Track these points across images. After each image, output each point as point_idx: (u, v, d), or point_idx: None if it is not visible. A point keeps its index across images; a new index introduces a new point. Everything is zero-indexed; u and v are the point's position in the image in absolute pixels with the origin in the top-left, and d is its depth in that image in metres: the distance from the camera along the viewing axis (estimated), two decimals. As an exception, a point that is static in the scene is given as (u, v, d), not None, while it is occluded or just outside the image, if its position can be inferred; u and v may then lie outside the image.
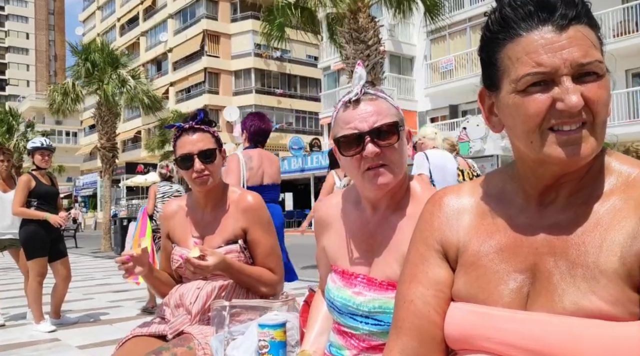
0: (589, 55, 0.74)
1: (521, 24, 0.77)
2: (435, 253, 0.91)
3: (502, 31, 0.79)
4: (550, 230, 0.81)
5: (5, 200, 5.23)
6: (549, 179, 0.82)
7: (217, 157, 1.85)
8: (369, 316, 1.21)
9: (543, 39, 0.75)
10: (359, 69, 1.29)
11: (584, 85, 0.74)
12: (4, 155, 5.40)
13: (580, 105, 0.73)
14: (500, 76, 0.81)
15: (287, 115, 36.16)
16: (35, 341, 4.40)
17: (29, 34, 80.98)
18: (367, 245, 1.29)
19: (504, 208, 0.88)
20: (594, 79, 0.75)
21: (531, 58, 0.75)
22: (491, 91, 0.84)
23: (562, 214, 0.81)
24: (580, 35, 0.75)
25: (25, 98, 62.49)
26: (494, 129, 0.88)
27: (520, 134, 0.79)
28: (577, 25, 0.75)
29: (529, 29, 0.76)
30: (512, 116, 0.80)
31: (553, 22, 0.75)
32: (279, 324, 1.44)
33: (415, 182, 1.33)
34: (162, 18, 38.82)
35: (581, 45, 0.74)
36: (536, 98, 0.76)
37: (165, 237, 1.96)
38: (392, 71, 21.83)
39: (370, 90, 1.27)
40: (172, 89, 37.33)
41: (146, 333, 1.73)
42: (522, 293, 0.80)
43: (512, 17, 0.78)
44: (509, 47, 0.78)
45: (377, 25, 11.08)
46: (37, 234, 4.77)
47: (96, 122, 16.60)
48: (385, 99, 1.27)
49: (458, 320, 0.85)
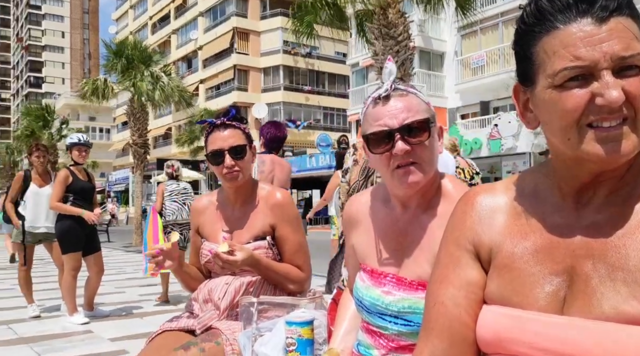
0: (631, 48, 0.70)
1: (558, 16, 0.74)
2: (467, 254, 0.88)
3: (538, 24, 0.76)
4: (588, 231, 0.77)
5: (41, 194, 5.37)
6: (587, 177, 0.78)
7: (247, 153, 1.86)
8: (398, 316, 1.19)
9: (582, 31, 0.72)
10: (389, 64, 1.26)
11: (625, 80, 0.71)
12: (40, 151, 5.53)
13: (621, 100, 0.70)
14: (535, 70, 0.77)
15: (315, 112, 36.19)
16: (68, 333, 4.52)
17: (65, 32, 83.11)
18: (397, 244, 1.27)
19: (539, 207, 0.84)
20: (636, 73, 0.71)
21: (569, 51, 0.72)
22: (526, 86, 0.81)
23: (600, 214, 0.78)
24: (622, 27, 0.71)
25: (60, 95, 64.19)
26: (528, 126, 0.84)
27: (557, 131, 0.76)
28: (619, 16, 0.72)
29: (566, 21, 0.73)
30: (548, 112, 0.76)
31: (593, 13, 0.72)
32: (307, 322, 1.43)
33: (447, 179, 1.29)
34: (193, 16, 39.31)
35: (622, 38, 0.70)
36: (574, 94, 0.72)
37: (195, 231, 1.98)
38: (422, 67, 21.59)
39: (401, 85, 1.24)
40: (202, 86, 37.80)
41: (175, 327, 1.76)
42: (559, 296, 0.77)
43: (549, 9, 0.75)
44: (545, 40, 0.75)
45: (407, 21, 10.95)
46: (72, 229, 4.89)
47: (128, 118, 16.95)
48: (416, 95, 1.24)
49: (491, 323, 0.82)
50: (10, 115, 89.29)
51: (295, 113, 35.31)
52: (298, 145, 32.14)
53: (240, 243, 1.78)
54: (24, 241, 5.34)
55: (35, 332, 4.54)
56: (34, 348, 4.02)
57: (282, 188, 3.86)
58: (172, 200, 6.12)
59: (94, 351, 3.92)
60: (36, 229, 5.37)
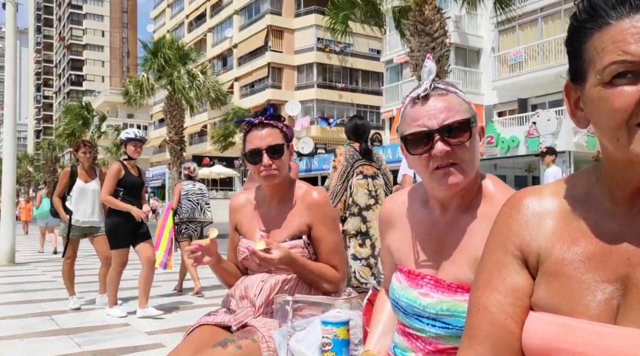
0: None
1: (611, 12, 0.70)
2: (514, 259, 0.85)
3: (590, 20, 0.73)
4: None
5: (87, 190, 5.56)
6: (639, 181, 0.75)
7: (284, 152, 1.86)
8: (436, 318, 1.16)
9: (634, 27, 0.68)
10: (428, 62, 1.23)
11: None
12: (86, 147, 5.68)
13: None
14: (586, 68, 0.74)
15: (348, 110, 36.11)
16: (107, 326, 4.64)
17: (104, 31, 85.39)
18: (436, 246, 1.24)
19: (590, 212, 0.81)
20: None
21: (618, 47, 0.69)
22: (577, 84, 0.78)
23: None
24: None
25: (100, 93, 66.00)
26: (579, 125, 0.81)
27: (605, 130, 0.73)
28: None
29: (619, 17, 0.70)
30: (597, 110, 0.73)
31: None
32: (343, 322, 1.42)
33: (488, 180, 1.25)
34: (228, 14, 39.78)
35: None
36: (623, 91, 0.69)
37: (233, 228, 1.99)
38: (458, 64, 21.26)
39: (441, 84, 1.21)
40: (236, 84, 38.23)
41: (212, 322, 1.78)
42: (612, 305, 0.73)
43: (602, 5, 0.72)
44: (596, 36, 0.72)
45: (443, 17, 10.81)
46: (121, 225, 4.95)
47: (165, 116, 17.31)
48: (457, 94, 1.21)
49: (539, 331, 0.79)
50: (53, 112, 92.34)
51: (329, 111, 35.32)
52: (331, 143, 32.14)
53: (276, 242, 1.79)
54: (69, 234, 5.50)
55: (75, 324, 4.68)
56: (74, 339, 4.14)
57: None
58: (187, 199, 6.57)
59: (132, 344, 4.01)
60: (82, 223, 5.51)
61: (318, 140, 30.75)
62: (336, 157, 4.28)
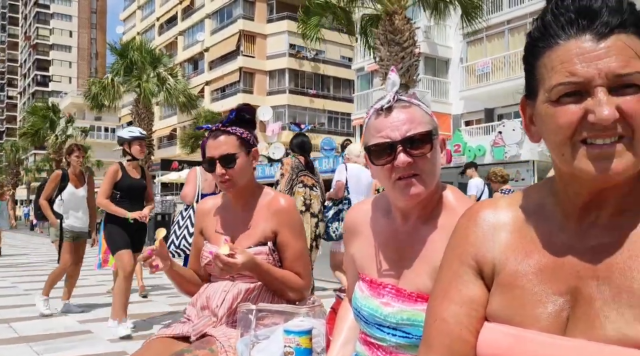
0: (629, 66, 0.69)
1: (560, 32, 0.73)
2: (470, 270, 0.87)
3: (542, 39, 0.76)
4: (593, 252, 0.76)
5: (78, 195, 5.47)
6: (586, 195, 0.77)
7: (238, 161, 1.82)
8: (397, 328, 1.17)
9: (579, 48, 0.71)
10: (392, 75, 1.26)
11: (622, 98, 0.69)
12: (80, 151, 5.50)
13: (612, 118, 0.69)
14: (537, 85, 0.77)
15: (320, 116, 36.21)
16: (68, 333, 4.52)
17: (72, 32, 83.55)
18: (397, 255, 1.26)
19: (543, 225, 0.83)
20: (634, 91, 0.70)
21: (565, 67, 0.71)
22: (530, 100, 0.81)
23: (606, 235, 0.76)
24: (622, 44, 0.70)
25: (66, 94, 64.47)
26: (532, 139, 0.84)
27: (552, 146, 0.76)
28: (621, 33, 0.70)
29: (567, 37, 0.72)
30: (545, 126, 0.76)
31: (593, 30, 0.71)
32: (305, 331, 1.42)
33: (449, 191, 1.28)
34: (200, 18, 39.44)
35: (621, 55, 0.69)
36: (567, 109, 0.72)
37: (198, 233, 1.97)
38: (427, 73, 21.57)
39: (404, 96, 1.23)
40: (207, 88, 37.88)
41: (170, 334, 1.74)
42: (561, 317, 0.76)
43: (553, 25, 0.74)
44: (546, 55, 0.75)
45: (412, 27, 10.98)
46: (116, 230, 4.62)
47: (133, 118, 17.02)
48: (419, 106, 1.23)
49: (492, 342, 0.81)
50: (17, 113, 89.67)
51: (300, 117, 35.33)
52: (302, 149, 32.10)
53: (241, 248, 1.78)
54: (62, 239, 5.38)
55: (35, 331, 4.54)
56: (34, 347, 4.02)
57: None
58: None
59: (93, 352, 3.91)
60: (74, 228, 5.44)
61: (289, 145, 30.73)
62: (283, 166, 4.84)
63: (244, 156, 1.85)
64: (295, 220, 1.88)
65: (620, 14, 0.71)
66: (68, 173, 5.49)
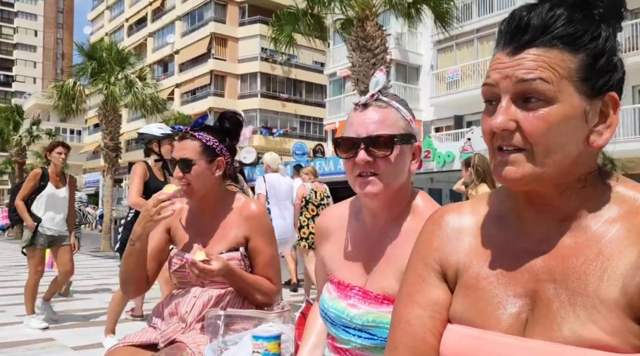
0: (534, 73, 0.72)
1: (499, 40, 0.79)
2: (434, 274, 0.89)
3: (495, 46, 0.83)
4: (551, 256, 0.79)
5: (58, 196, 5.04)
6: (522, 201, 0.82)
7: (195, 167, 1.79)
8: (362, 329, 1.19)
9: (498, 58, 0.77)
10: (378, 74, 1.28)
11: (524, 113, 0.74)
12: (64, 148, 5.05)
13: (502, 127, 0.73)
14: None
15: (292, 120, 36.20)
16: (29, 341, 4.38)
17: (38, 31, 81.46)
18: (365, 257, 1.27)
19: (503, 229, 0.86)
20: (538, 105, 0.73)
21: (488, 73, 0.78)
22: None
23: (562, 241, 0.79)
24: (533, 56, 0.73)
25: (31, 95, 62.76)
26: None
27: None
28: (535, 47, 0.74)
29: (497, 49, 0.79)
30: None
31: (512, 43, 0.76)
32: (274, 336, 1.42)
33: (419, 197, 1.31)
34: (170, 20, 38.99)
35: (529, 64, 0.73)
36: (485, 116, 0.78)
37: (165, 231, 1.90)
38: (398, 80, 21.82)
39: (385, 97, 1.25)
40: (177, 91, 37.44)
41: (137, 342, 1.70)
42: (521, 319, 0.78)
43: (499, 32, 0.80)
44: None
45: (384, 33, 11.10)
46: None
47: (100, 121, 16.66)
48: (398, 110, 1.25)
49: (454, 343, 0.82)
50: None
51: (272, 121, 35.25)
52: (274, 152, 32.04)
53: (216, 254, 1.76)
54: (32, 243, 4.89)
55: (-6, 339, 4.39)
56: (-7, 356, 3.89)
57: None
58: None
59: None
60: (48, 231, 4.98)
61: (261, 149, 30.58)
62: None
63: (203, 163, 1.81)
64: (266, 226, 1.87)
65: (542, 30, 0.74)
66: (48, 173, 5.04)
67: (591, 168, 0.79)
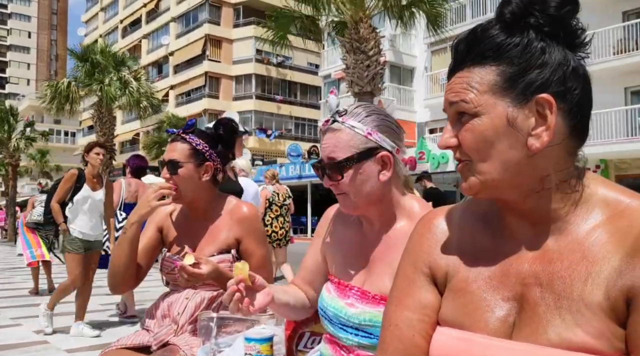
0: (458, 96, 0.79)
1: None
2: (423, 277, 0.91)
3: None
4: (537, 260, 0.80)
5: (94, 198, 4.77)
6: (501, 207, 0.85)
7: (182, 170, 1.78)
8: (359, 328, 1.23)
9: (457, 77, 0.82)
10: (330, 97, 1.36)
11: (460, 127, 0.80)
12: (102, 149, 4.81)
13: (444, 145, 0.82)
14: None
15: (287, 122, 36.20)
16: (24, 343, 4.37)
17: (31, 32, 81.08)
18: (364, 259, 1.32)
19: (492, 233, 0.87)
20: (467, 119, 0.79)
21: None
22: None
23: (546, 244, 0.81)
24: (459, 80, 0.80)
25: (24, 96, 62.45)
26: None
27: None
28: (462, 70, 0.80)
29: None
30: None
31: (449, 70, 0.83)
32: (266, 338, 1.42)
33: (413, 200, 1.34)
34: (165, 21, 38.91)
35: (456, 87, 0.80)
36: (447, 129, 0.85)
37: (157, 230, 1.89)
38: (393, 81, 21.88)
39: (340, 118, 1.28)
40: (172, 92, 37.36)
41: (130, 344, 1.71)
42: (508, 322, 0.79)
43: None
44: None
45: (378, 36, 11.13)
46: None
47: (94, 123, 16.62)
48: (352, 128, 1.26)
49: (443, 346, 0.84)
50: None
51: (267, 123, 35.23)
52: (268, 155, 32.05)
53: (204, 256, 1.76)
54: (68, 250, 4.62)
55: (-12, 343, 4.37)
56: (-14, 359, 3.88)
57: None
58: (40, 206, 7.06)
59: (49, 364, 3.80)
60: (82, 234, 4.69)
61: (256, 151, 30.56)
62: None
63: (191, 167, 1.80)
64: (258, 227, 1.88)
65: (465, 53, 0.80)
66: (84, 174, 4.76)
67: (555, 170, 0.78)
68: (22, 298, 6.69)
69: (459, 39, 0.82)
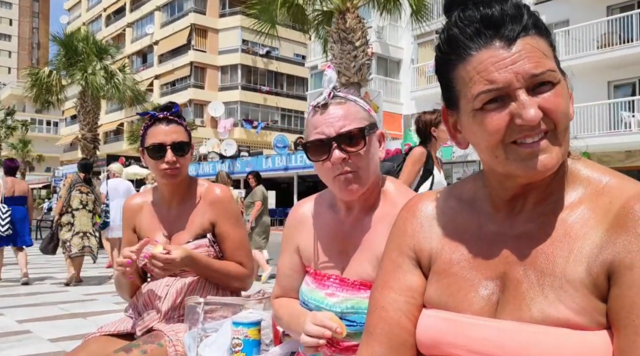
0: (541, 66, 0.74)
1: (469, 44, 0.77)
2: (409, 260, 0.92)
3: (452, 52, 0.79)
4: (520, 239, 0.81)
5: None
6: (516, 189, 0.82)
7: (189, 150, 1.82)
8: (342, 316, 1.20)
9: (492, 56, 0.75)
10: (328, 71, 1.29)
11: (540, 96, 0.74)
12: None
13: (538, 118, 0.73)
14: (457, 96, 0.81)
15: (273, 113, 36.07)
16: (5, 333, 4.32)
17: (12, 20, 79.50)
18: (341, 246, 1.29)
19: (475, 216, 0.88)
20: (550, 87, 0.75)
21: (483, 76, 0.75)
22: (452, 110, 0.85)
23: (531, 223, 0.82)
24: (530, 47, 0.74)
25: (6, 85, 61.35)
26: (459, 146, 0.88)
27: (484, 150, 0.80)
28: (526, 37, 0.75)
29: (477, 47, 0.76)
30: (474, 134, 0.80)
31: (500, 38, 0.75)
32: (254, 322, 1.42)
33: (389, 182, 1.33)
34: (149, 10, 38.42)
35: (531, 57, 0.74)
36: (494, 116, 0.76)
37: (131, 230, 1.88)
38: (379, 73, 21.88)
39: (340, 93, 1.26)
40: (156, 82, 36.99)
41: (114, 331, 1.70)
42: (492, 301, 0.81)
43: (460, 37, 0.78)
44: (460, 67, 0.78)
45: (365, 26, 11.11)
46: None
47: (78, 112, 16.40)
48: (355, 102, 1.25)
49: (429, 327, 0.85)
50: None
51: (253, 114, 35.08)
52: (255, 146, 31.91)
53: (180, 243, 1.74)
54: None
55: (-32, 333, 4.31)
56: (-33, 349, 3.82)
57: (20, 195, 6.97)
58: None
59: (32, 352, 3.76)
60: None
61: (241, 142, 30.42)
62: (66, 179, 7.17)
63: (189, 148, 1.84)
64: (232, 209, 1.84)
65: (521, 19, 0.75)
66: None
67: None
68: (3, 289, 6.61)
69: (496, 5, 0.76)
